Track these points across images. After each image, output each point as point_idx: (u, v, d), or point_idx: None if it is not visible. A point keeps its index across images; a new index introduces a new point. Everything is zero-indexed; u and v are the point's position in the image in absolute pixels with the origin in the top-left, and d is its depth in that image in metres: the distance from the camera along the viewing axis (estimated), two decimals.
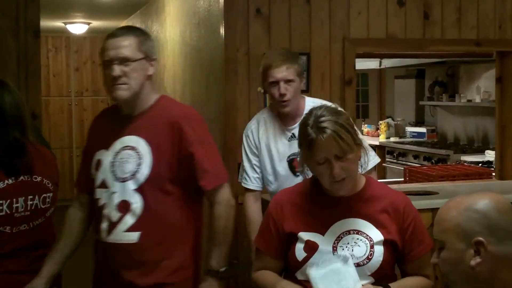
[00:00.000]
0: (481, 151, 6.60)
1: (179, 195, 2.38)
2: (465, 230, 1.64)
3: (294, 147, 2.97)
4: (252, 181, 3.13)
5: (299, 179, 2.91)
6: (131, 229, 2.35)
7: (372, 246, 2.14)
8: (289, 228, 2.19)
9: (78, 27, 8.50)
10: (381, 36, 4.29)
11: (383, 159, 7.70)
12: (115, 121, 2.45)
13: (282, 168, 3.06)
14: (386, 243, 2.16)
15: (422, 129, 7.91)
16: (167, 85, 6.01)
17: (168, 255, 2.38)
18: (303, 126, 2.14)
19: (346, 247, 2.13)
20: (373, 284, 2.13)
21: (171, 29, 5.79)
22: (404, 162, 7.12)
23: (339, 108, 2.23)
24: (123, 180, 2.35)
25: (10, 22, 3.75)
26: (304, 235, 2.16)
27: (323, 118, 2.09)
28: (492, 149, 5.73)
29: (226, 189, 2.44)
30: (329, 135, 2.06)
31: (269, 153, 3.09)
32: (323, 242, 2.15)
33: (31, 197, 2.60)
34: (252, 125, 3.18)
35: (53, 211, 2.71)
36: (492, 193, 1.71)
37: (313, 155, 2.10)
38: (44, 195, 2.65)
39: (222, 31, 4.08)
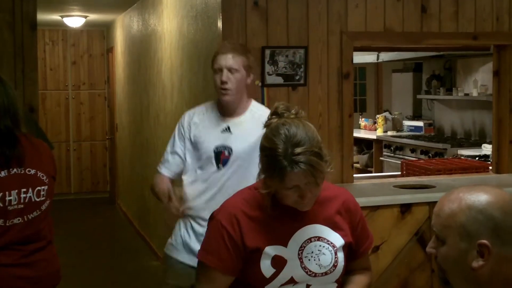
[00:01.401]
0: (478, 144, 6.61)
1: None
2: (469, 231, 1.59)
3: (225, 140, 2.97)
4: (168, 168, 3.10)
5: (220, 173, 2.96)
6: None
7: (336, 253, 2.10)
8: (251, 243, 2.04)
9: (75, 20, 8.48)
10: (378, 30, 4.29)
11: (380, 153, 7.71)
12: None
13: (206, 158, 3.00)
14: (345, 247, 2.14)
15: (419, 123, 7.92)
16: (164, 78, 6.01)
17: None
18: (273, 153, 1.96)
19: (312, 256, 2.07)
20: None
21: (168, 22, 5.78)
22: (401, 156, 7.13)
23: (303, 113, 2.08)
24: None
25: (6, 15, 3.74)
26: (270, 250, 2.05)
27: (297, 150, 1.93)
28: (489, 143, 5.74)
29: None
30: (305, 170, 1.93)
31: (196, 141, 3.04)
32: (288, 254, 2.06)
33: (24, 190, 2.57)
34: (189, 111, 3.15)
35: (50, 204, 2.70)
36: (494, 188, 1.66)
37: (283, 183, 1.97)
38: (38, 188, 2.62)
39: (219, 23, 4.07)
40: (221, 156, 2.97)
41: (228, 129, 3.00)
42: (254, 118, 2.99)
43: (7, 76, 2.79)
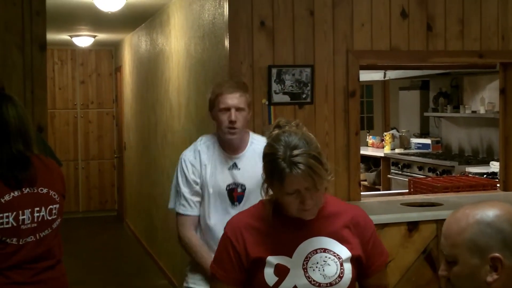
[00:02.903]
0: (486, 162, 6.60)
1: None
2: (479, 245, 1.59)
3: (234, 177, 2.98)
4: (191, 206, 3.01)
5: (235, 210, 2.92)
6: None
7: (341, 264, 2.12)
8: (254, 253, 2.11)
9: (83, 40, 8.56)
10: (384, 48, 4.31)
11: (388, 171, 7.70)
12: None
13: (219, 197, 3.00)
14: (352, 259, 2.15)
15: (427, 141, 7.91)
16: (172, 97, 6.04)
17: None
18: (273, 157, 2.04)
19: (316, 267, 2.10)
20: None
21: (175, 42, 5.83)
22: (409, 174, 7.12)
23: (304, 129, 2.14)
24: None
25: (16, 36, 3.78)
26: (273, 259, 2.10)
27: (296, 152, 2.01)
28: (497, 160, 5.73)
29: None
30: (303, 171, 2.00)
31: (207, 181, 3.01)
32: (292, 264, 2.10)
33: (37, 209, 2.60)
34: (189, 153, 3.08)
35: (60, 222, 2.72)
36: (499, 203, 1.66)
37: (283, 187, 2.03)
38: (51, 206, 2.65)
39: (226, 43, 4.11)
40: (234, 194, 2.99)
41: (235, 165, 3.01)
42: (256, 152, 2.96)
43: (16, 96, 2.82)
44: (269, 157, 2.07)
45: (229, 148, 3.03)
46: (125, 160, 9.22)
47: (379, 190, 7.60)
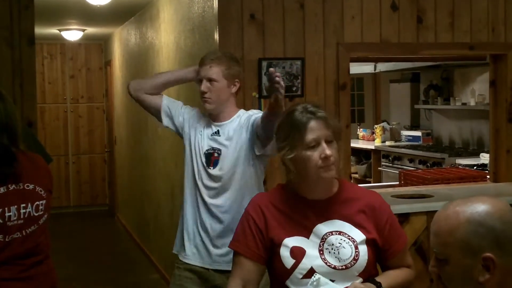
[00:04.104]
0: (476, 154, 6.62)
1: None
2: (471, 246, 1.57)
3: (215, 142, 3.09)
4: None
5: (210, 170, 3.04)
6: None
7: (356, 247, 2.18)
8: (273, 233, 2.21)
9: (73, 34, 8.51)
10: (375, 41, 4.31)
11: (378, 163, 7.72)
12: None
13: (198, 158, 3.11)
14: (368, 242, 2.21)
15: (417, 133, 7.93)
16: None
17: None
18: (291, 115, 2.20)
19: (332, 249, 2.17)
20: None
21: (165, 35, 5.80)
22: (399, 166, 7.13)
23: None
24: None
25: (4, 31, 3.75)
26: (289, 241, 2.19)
27: (312, 108, 2.20)
28: (487, 152, 5.74)
29: None
30: (321, 118, 2.17)
31: (194, 143, 3.15)
32: (309, 245, 2.18)
33: (23, 205, 2.57)
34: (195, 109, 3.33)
35: (47, 218, 2.70)
36: (489, 198, 1.63)
37: (303, 139, 2.15)
38: (37, 202, 2.62)
39: (216, 36, 4.09)
40: (212, 158, 3.09)
41: (217, 132, 3.12)
42: (241, 119, 3.13)
43: (5, 91, 2.79)
44: (287, 116, 2.23)
45: (213, 116, 3.16)
46: (116, 155, 9.20)
47: (370, 182, 7.61)
